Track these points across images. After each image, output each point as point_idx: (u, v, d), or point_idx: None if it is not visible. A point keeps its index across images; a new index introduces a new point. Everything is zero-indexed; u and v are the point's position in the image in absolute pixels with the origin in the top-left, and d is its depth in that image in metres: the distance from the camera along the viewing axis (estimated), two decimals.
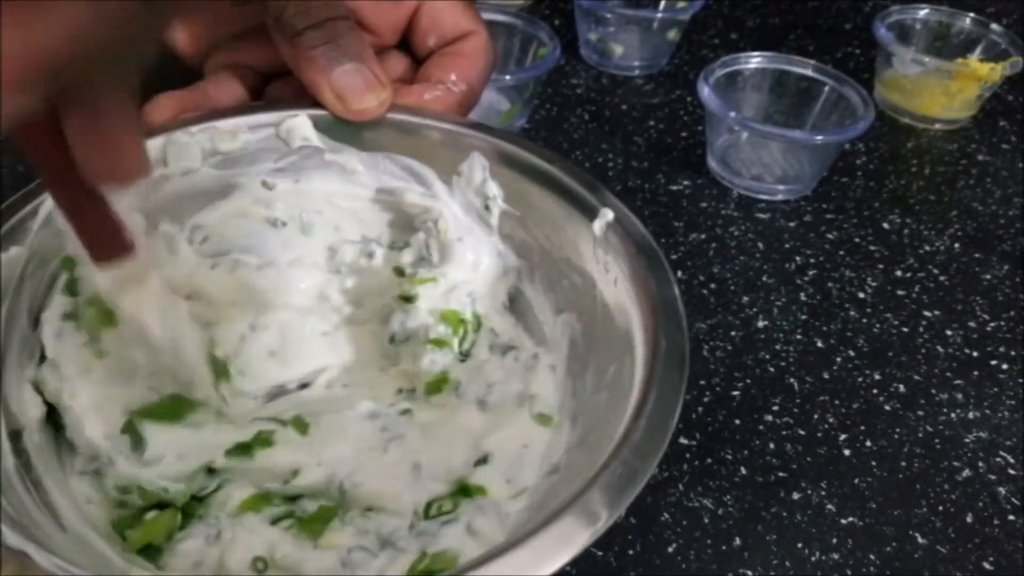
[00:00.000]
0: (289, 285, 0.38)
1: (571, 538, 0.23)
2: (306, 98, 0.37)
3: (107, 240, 0.26)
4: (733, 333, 0.45)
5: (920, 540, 0.37)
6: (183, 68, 0.40)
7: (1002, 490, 0.39)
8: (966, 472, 0.40)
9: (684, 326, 0.30)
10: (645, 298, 0.31)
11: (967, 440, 0.41)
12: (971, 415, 0.42)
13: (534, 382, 0.35)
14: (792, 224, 0.52)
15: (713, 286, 0.48)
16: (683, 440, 0.39)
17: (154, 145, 0.34)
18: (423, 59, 0.41)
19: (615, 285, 0.33)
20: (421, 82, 0.39)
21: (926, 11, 0.63)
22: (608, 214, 0.33)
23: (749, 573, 0.35)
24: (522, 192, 0.36)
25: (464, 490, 0.31)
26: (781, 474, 0.39)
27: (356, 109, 0.36)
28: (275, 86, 0.40)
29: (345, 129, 0.37)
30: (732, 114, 0.51)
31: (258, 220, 0.38)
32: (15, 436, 0.29)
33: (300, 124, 0.36)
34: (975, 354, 0.45)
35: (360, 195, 0.38)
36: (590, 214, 0.34)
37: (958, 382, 0.44)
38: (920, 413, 0.42)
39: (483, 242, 0.37)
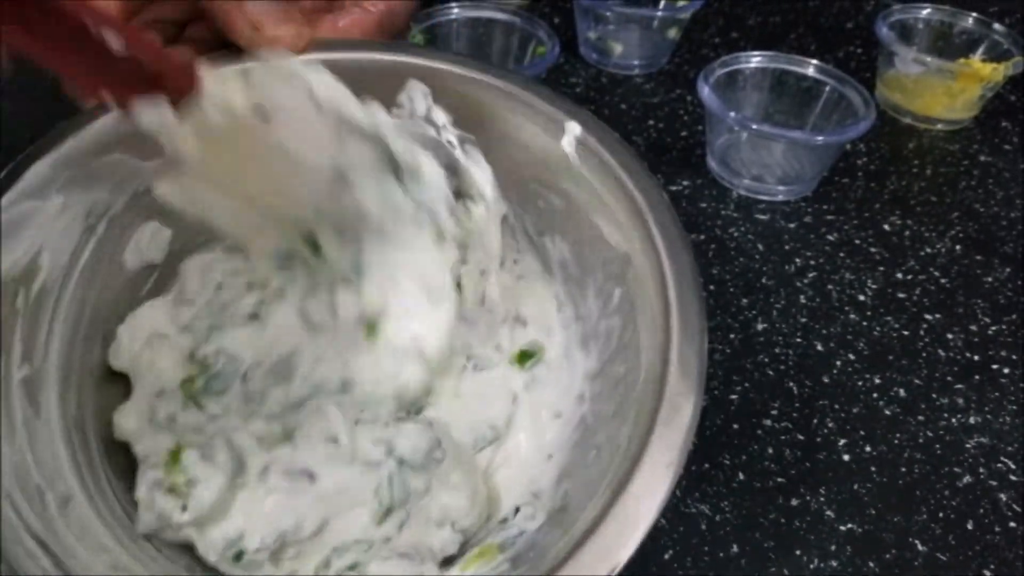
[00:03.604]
0: None
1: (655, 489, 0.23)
2: (221, 39, 0.34)
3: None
4: (732, 336, 0.45)
5: (920, 547, 0.36)
6: None
7: (1003, 496, 0.38)
8: (967, 478, 0.39)
9: (687, 239, 0.28)
10: (636, 214, 0.29)
11: (968, 445, 0.40)
12: (972, 420, 0.42)
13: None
14: (792, 225, 0.52)
15: (712, 288, 0.47)
16: None
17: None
18: None
19: (600, 202, 0.31)
20: (334, 10, 0.36)
21: (928, 10, 0.63)
22: (575, 128, 0.31)
23: None
24: (474, 114, 0.33)
25: None
26: (779, 479, 0.38)
27: (271, 35, 0.33)
28: (192, 28, 0.38)
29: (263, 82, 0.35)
30: (732, 114, 0.51)
31: None
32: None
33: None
34: (976, 358, 0.45)
35: None
36: (555, 129, 0.32)
37: (959, 386, 0.43)
38: (920, 418, 0.41)
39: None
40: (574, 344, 0.33)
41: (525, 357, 0.35)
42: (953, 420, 0.41)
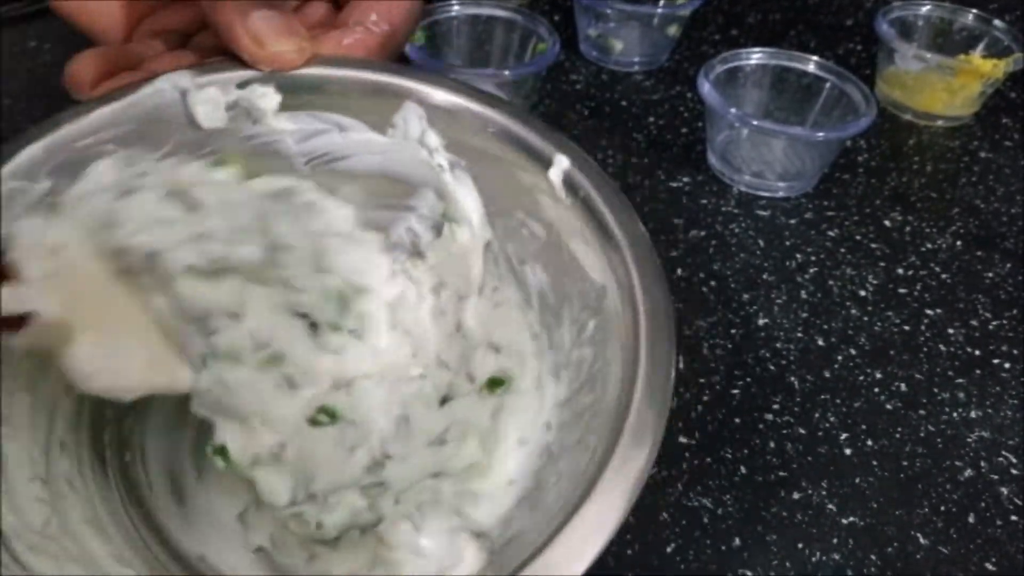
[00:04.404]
0: None
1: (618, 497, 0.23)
2: (226, 49, 0.34)
3: None
4: (733, 331, 0.45)
5: (922, 540, 0.36)
6: None
7: (1004, 490, 0.38)
8: (968, 472, 0.39)
9: (662, 275, 0.29)
10: (615, 248, 0.30)
11: (969, 440, 0.40)
12: (973, 414, 0.42)
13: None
14: (793, 221, 0.52)
15: (713, 284, 0.47)
16: (682, 439, 0.39)
17: None
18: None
19: (581, 235, 0.31)
20: (339, 27, 0.36)
21: (928, 7, 0.63)
22: (563, 161, 0.32)
23: (749, 574, 0.35)
24: (465, 141, 0.34)
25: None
26: (781, 473, 0.38)
27: (274, 51, 0.34)
28: (199, 37, 0.39)
29: None
30: (733, 111, 0.51)
31: None
32: None
33: (213, 96, 0.34)
34: (977, 353, 0.45)
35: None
36: (544, 161, 0.32)
37: (960, 381, 0.43)
38: (922, 412, 0.42)
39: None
40: (546, 372, 0.33)
41: (495, 384, 0.35)
42: (954, 414, 0.42)
